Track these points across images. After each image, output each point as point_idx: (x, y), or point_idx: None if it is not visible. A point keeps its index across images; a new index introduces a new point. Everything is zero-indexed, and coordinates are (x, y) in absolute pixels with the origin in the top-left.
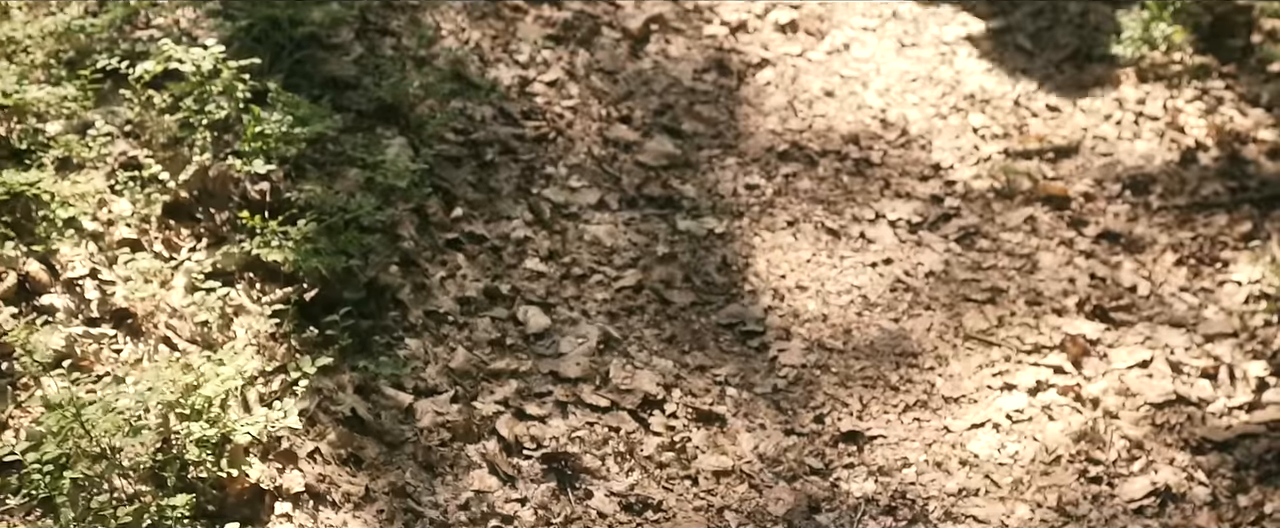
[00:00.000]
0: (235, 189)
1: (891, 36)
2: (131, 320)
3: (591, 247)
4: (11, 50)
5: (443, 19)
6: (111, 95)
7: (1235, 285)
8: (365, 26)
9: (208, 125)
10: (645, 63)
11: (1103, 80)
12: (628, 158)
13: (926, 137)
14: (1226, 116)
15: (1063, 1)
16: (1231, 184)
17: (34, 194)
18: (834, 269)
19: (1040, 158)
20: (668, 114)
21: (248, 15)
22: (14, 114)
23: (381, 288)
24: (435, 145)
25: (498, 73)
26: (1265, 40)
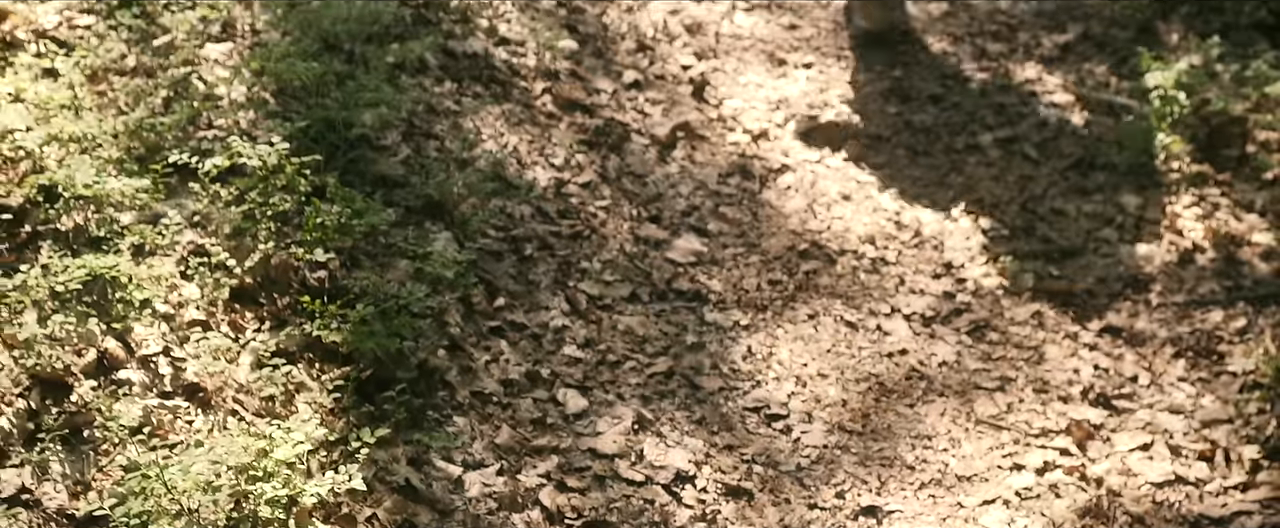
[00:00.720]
0: (295, 276)
1: (904, 146)
2: (202, 394)
3: (625, 335)
4: (88, 146)
5: (482, 124)
6: (180, 188)
7: (1231, 376)
8: (411, 130)
9: (271, 217)
10: (673, 167)
11: (1105, 187)
12: (658, 255)
13: (938, 237)
14: (1222, 221)
15: (1067, 113)
16: (1227, 283)
17: (112, 277)
18: (852, 359)
19: (1046, 258)
20: (695, 215)
21: (304, 117)
22: (92, 204)
23: (431, 369)
24: (478, 240)
25: (535, 175)
26: (1259, 150)
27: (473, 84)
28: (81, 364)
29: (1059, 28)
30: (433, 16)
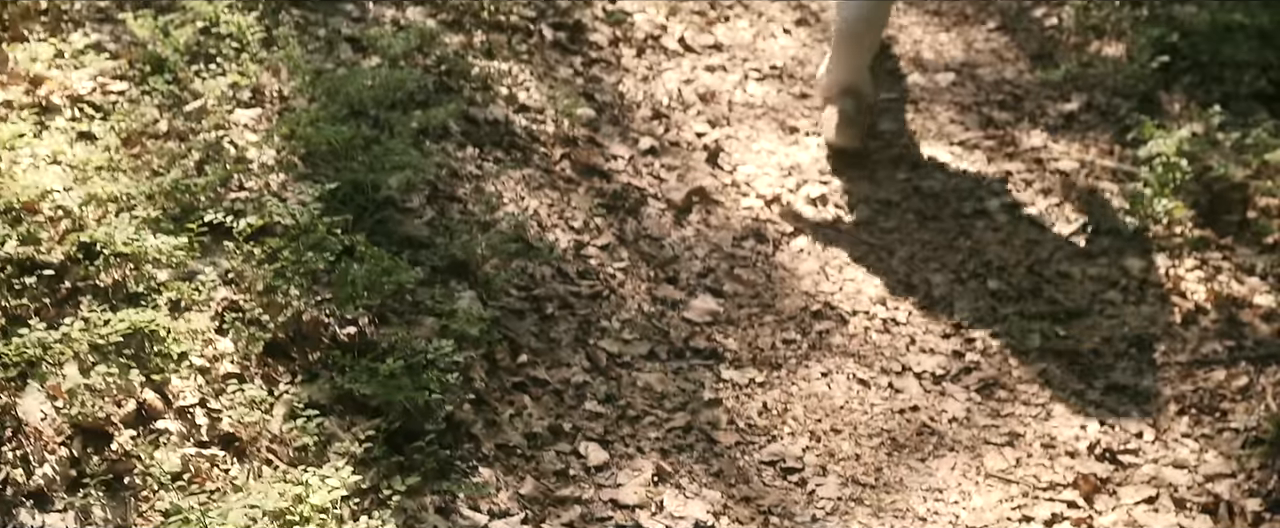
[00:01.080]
0: (326, 332)
1: (913, 211)
2: (238, 443)
3: (644, 392)
4: (125, 205)
5: (503, 188)
6: (214, 247)
7: (1233, 432)
8: (435, 193)
9: (303, 274)
10: (688, 231)
11: (1109, 251)
12: (675, 314)
13: (948, 298)
14: (1224, 284)
15: (1071, 180)
16: (1229, 344)
17: (151, 331)
18: (865, 415)
19: (1053, 319)
20: (710, 276)
21: (333, 179)
22: (130, 261)
23: (458, 422)
24: (501, 299)
25: (555, 237)
26: (1260, 216)
27: (494, 149)
28: (121, 414)
29: (1064, 97)
30: (454, 84)
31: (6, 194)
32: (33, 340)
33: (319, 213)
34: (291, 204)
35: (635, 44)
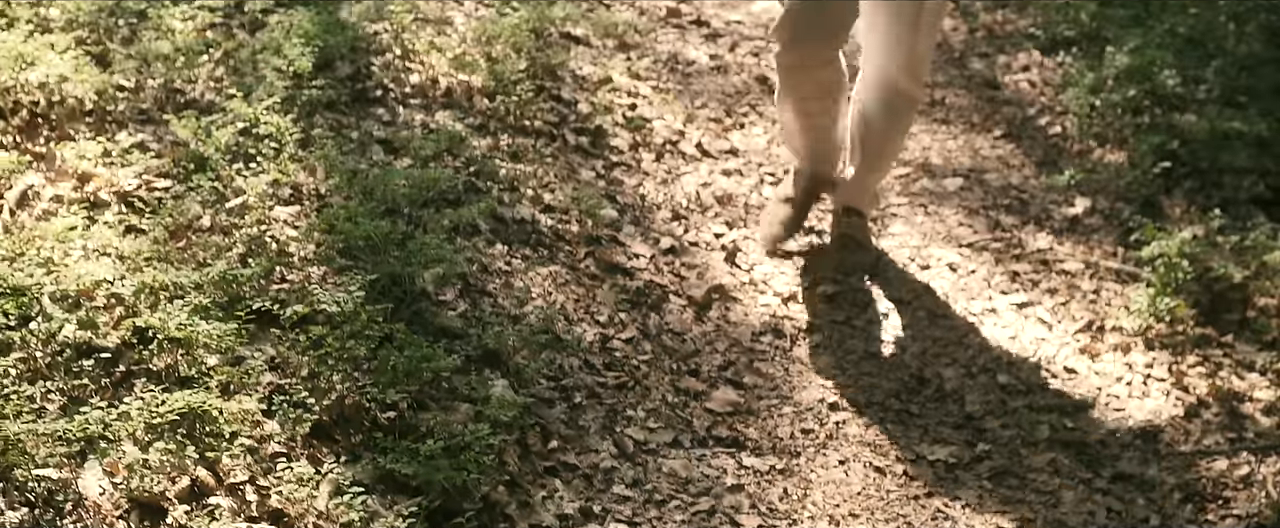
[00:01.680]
0: (367, 415)
1: (925, 309)
2: (286, 519)
3: (669, 477)
4: (175, 294)
5: (532, 283)
6: (261, 334)
7: (1235, 519)
8: (467, 287)
9: (345, 360)
10: (709, 326)
11: (1115, 348)
12: (697, 405)
13: (959, 392)
14: (1226, 379)
15: (1075, 280)
16: (1231, 436)
17: (203, 411)
18: (882, 501)
19: (1061, 411)
20: (730, 369)
21: (372, 271)
22: (182, 346)
23: (493, 503)
24: (532, 387)
25: (581, 330)
26: (1259, 315)
27: (522, 247)
28: (176, 490)
29: (1069, 202)
30: (483, 185)
31: (63, 282)
32: (93, 419)
33: (360, 302)
34: (333, 294)
35: (654, 149)
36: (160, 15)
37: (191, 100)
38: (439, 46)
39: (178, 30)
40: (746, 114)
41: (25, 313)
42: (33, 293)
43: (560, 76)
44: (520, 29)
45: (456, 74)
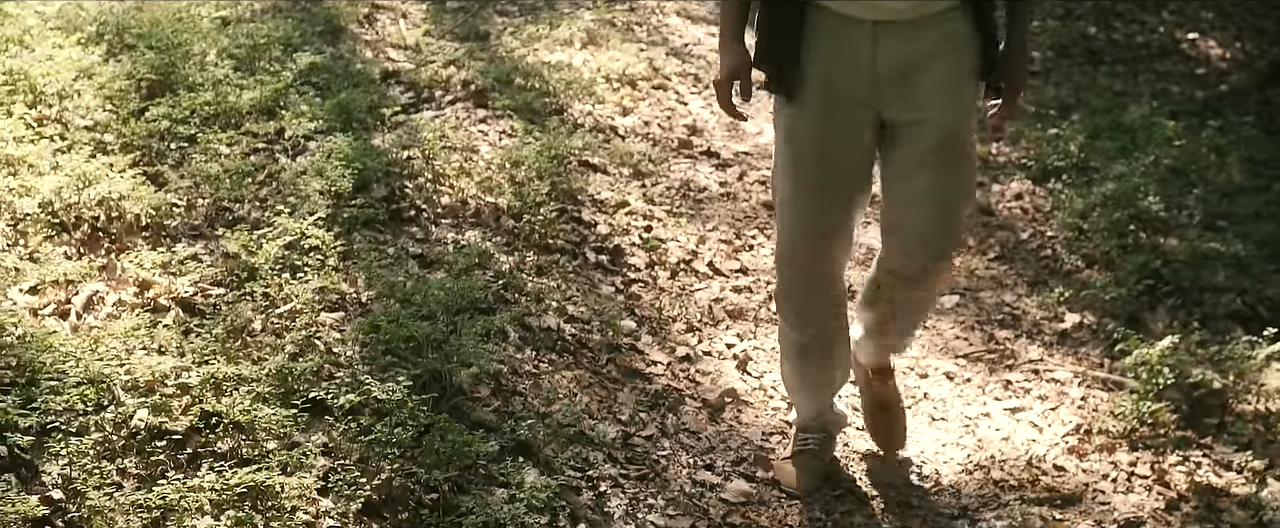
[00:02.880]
0: (412, 496)
1: (924, 413)
2: None
3: None
4: (237, 384)
5: (558, 385)
6: (315, 421)
7: None
8: (499, 386)
9: (392, 445)
10: (722, 426)
11: (1101, 448)
12: (713, 495)
13: (956, 486)
14: (1204, 476)
15: (1065, 388)
16: (1208, 527)
17: (266, 487)
18: None
19: (1050, 504)
20: (743, 464)
21: (416, 367)
22: (244, 431)
23: None
24: (561, 476)
25: (605, 427)
26: (1236, 420)
27: (548, 352)
28: None
29: (1058, 318)
30: (511, 296)
31: (135, 372)
32: (169, 492)
33: (407, 392)
34: (381, 386)
35: (669, 267)
36: (208, 140)
37: (240, 217)
38: (467, 171)
39: (224, 154)
40: (754, 236)
41: (100, 400)
42: (107, 382)
43: (580, 200)
44: (542, 156)
45: (484, 196)
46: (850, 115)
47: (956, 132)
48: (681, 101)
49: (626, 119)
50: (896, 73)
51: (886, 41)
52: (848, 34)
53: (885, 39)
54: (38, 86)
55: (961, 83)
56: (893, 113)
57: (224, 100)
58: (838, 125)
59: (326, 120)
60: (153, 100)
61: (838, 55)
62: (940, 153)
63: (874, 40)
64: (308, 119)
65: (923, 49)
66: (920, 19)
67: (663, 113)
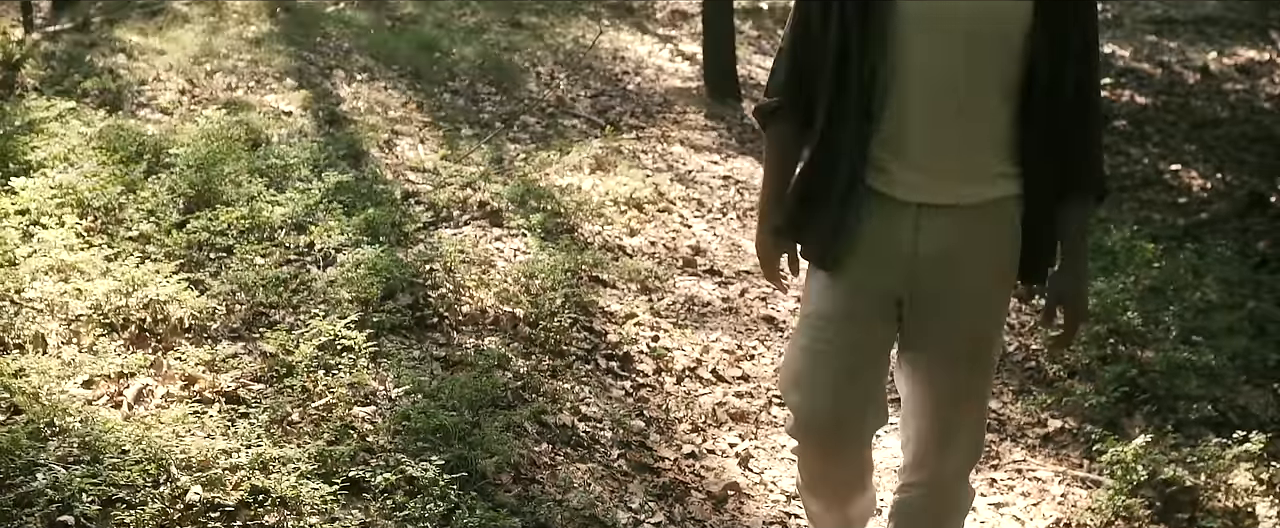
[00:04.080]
0: None
1: None
2: None
3: None
4: (282, 464)
5: (573, 475)
6: (353, 499)
7: None
8: (520, 474)
9: (425, 521)
10: (726, 515)
11: None
12: None
13: None
14: None
15: (1046, 485)
16: None
17: None
18: None
19: None
20: None
21: (445, 453)
22: (288, 506)
23: None
24: None
25: (616, 515)
26: (1206, 516)
27: (563, 446)
28: None
29: (1041, 423)
30: (529, 396)
31: (188, 453)
32: None
33: (439, 471)
34: (415, 465)
35: (675, 374)
36: (244, 251)
37: (276, 320)
38: (485, 282)
39: (259, 263)
40: (755, 347)
41: (157, 477)
42: (164, 460)
43: (592, 311)
44: (556, 270)
45: (501, 305)
46: (882, 297)
47: (986, 337)
48: (686, 224)
49: (633, 239)
50: (936, 261)
51: (930, 226)
52: (891, 214)
53: (928, 223)
54: (86, 200)
55: (1001, 284)
56: (924, 306)
57: (258, 215)
58: (867, 305)
59: (353, 235)
60: (192, 214)
61: (878, 235)
62: (968, 361)
63: (917, 224)
64: (336, 233)
65: (967, 240)
66: (967, 207)
67: (668, 234)
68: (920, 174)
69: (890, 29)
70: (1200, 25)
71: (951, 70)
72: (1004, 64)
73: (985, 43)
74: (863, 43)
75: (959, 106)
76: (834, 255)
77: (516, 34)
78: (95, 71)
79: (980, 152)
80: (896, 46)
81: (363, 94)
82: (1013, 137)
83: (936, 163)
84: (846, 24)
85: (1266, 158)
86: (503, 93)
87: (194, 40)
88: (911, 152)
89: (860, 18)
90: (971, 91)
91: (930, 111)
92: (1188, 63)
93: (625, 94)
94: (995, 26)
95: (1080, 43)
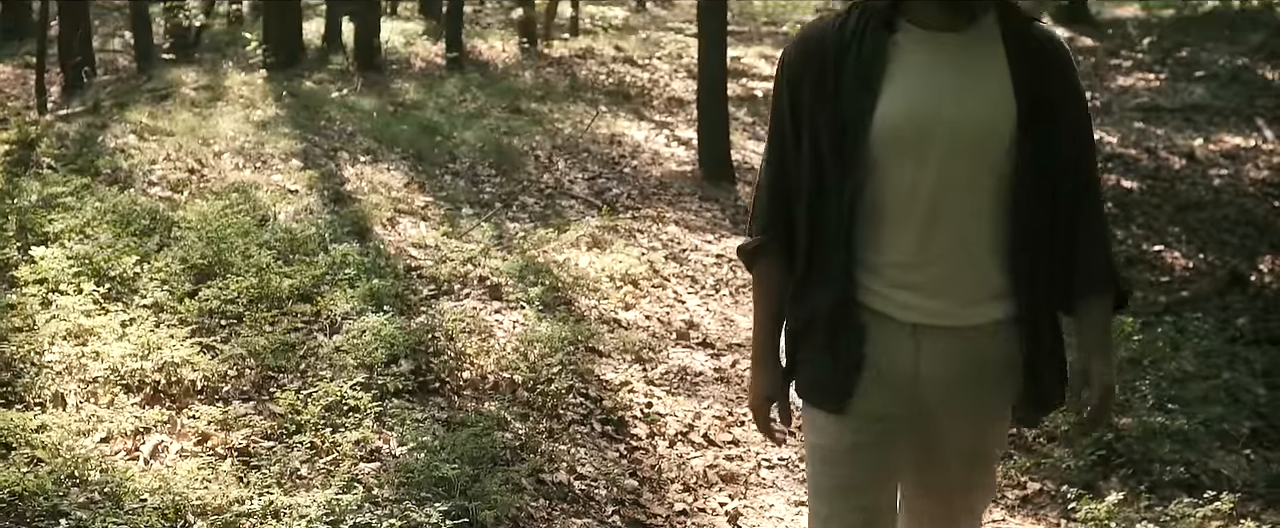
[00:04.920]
0: None
1: None
2: None
3: None
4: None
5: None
6: None
7: None
8: (517, 525)
9: None
10: None
11: None
12: None
13: None
14: None
15: None
16: None
17: None
18: None
19: None
20: None
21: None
22: None
23: None
24: None
25: None
26: None
27: (559, 502)
28: None
29: (1021, 485)
30: (526, 455)
31: (204, 501)
32: None
33: (442, 517)
34: (419, 511)
35: (668, 438)
36: (254, 318)
37: (284, 383)
38: (485, 350)
39: (268, 330)
40: (745, 415)
41: (173, 522)
42: (181, 506)
43: (588, 379)
44: (553, 340)
45: (501, 372)
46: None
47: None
48: (680, 299)
49: (629, 313)
50: (939, 384)
51: (931, 348)
52: (890, 336)
53: (929, 345)
54: (102, 269)
55: (1003, 408)
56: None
57: (267, 285)
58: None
59: (358, 304)
60: (203, 283)
61: (878, 359)
62: (968, 475)
63: (917, 345)
64: (342, 302)
65: (970, 362)
66: (968, 328)
67: (662, 308)
68: (914, 294)
69: (866, 153)
70: (1188, 113)
71: (936, 190)
72: (990, 181)
73: (968, 160)
74: (840, 170)
75: (945, 227)
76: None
77: (516, 119)
78: (107, 151)
79: (974, 272)
80: (875, 170)
81: (366, 175)
82: (1009, 254)
83: (929, 284)
84: (820, 151)
85: (1248, 239)
86: (502, 175)
87: (201, 123)
88: (902, 275)
89: (834, 144)
90: (957, 211)
91: (917, 234)
92: (1174, 148)
93: (622, 177)
94: (977, 143)
95: (1073, 152)
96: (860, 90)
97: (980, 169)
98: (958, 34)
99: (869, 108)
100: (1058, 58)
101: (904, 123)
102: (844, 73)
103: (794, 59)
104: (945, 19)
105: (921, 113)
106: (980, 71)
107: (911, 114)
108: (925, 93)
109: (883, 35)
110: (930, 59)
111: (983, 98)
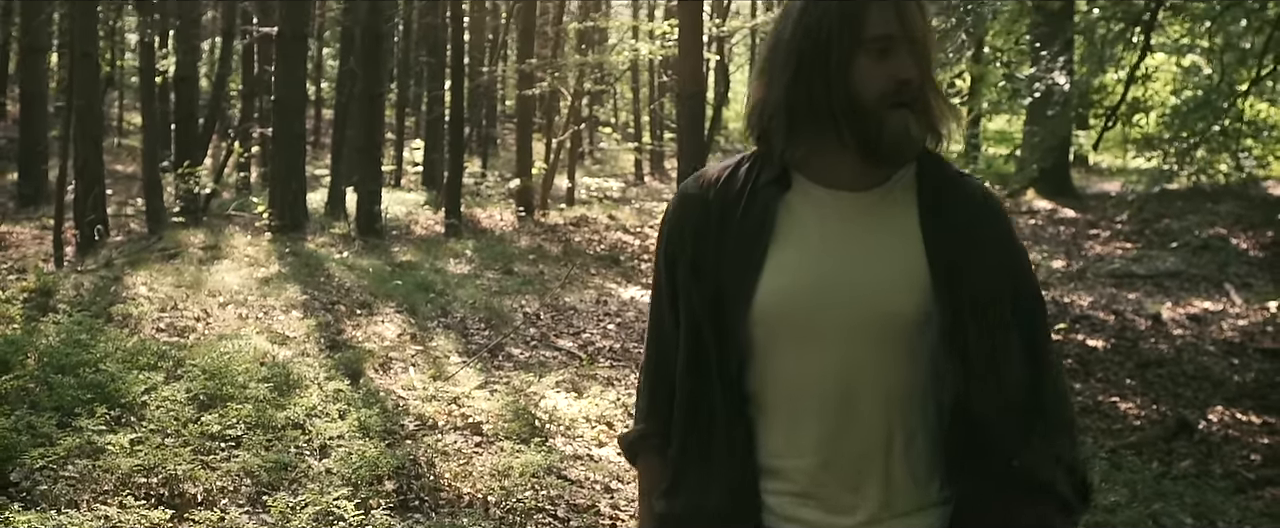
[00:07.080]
0: None
1: None
2: None
3: None
4: None
5: None
6: None
7: None
8: None
9: None
10: None
11: None
12: None
13: None
14: None
15: None
16: None
17: None
18: None
19: None
20: None
21: None
22: None
23: None
24: None
25: None
26: None
27: None
28: None
29: None
30: None
31: None
32: None
33: None
34: None
35: None
36: (251, 442)
37: (277, 497)
38: (465, 475)
39: (264, 453)
40: None
41: None
42: None
43: (557, 502)
44: (527, 467)
45: (477, 494)
46: None
47: None
48: None
49: (601, 450)
50: None
51: None
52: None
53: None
54: (114, 397)
55: None
56: None
57: (263, 414)
58: None
59: (347, 434)
60: (205, 411)
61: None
62: None
63: None
64: (333, 430)
65: None
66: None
67: None
68: (818, 508)
69: (746, 338)
70: (1160, 279)
71: (840, 379)
72: (905, 369)
73: (876, 341)
74: (720, 358)
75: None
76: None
77: (508, 280)
78: (119, 299)
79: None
80: (762, 355)
81: (362, 325)
82: (939, 456)
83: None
84: (699, 334)
85: (1201, 393)
86: (491, 328)
87: (208, 278)
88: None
89: (714, 329)
90: (869, 404)
91: (819, 433)
92: (1142, 311)
93: (605, 332)
94: (883, 319)
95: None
96: (741, 260)
97: (893, 351)
98: (865, 192)
99: (751, 281)
100: (984, 213)
101: (790, 299)
102: (727, 238)
103: (671, 223)
104: (854, 177)
105: (813, 286)
106: (888, 234)
107: (800, 287)
108: (818, 263)
109: (773, 193)
110: (826, 223)
111: (887, 266)
